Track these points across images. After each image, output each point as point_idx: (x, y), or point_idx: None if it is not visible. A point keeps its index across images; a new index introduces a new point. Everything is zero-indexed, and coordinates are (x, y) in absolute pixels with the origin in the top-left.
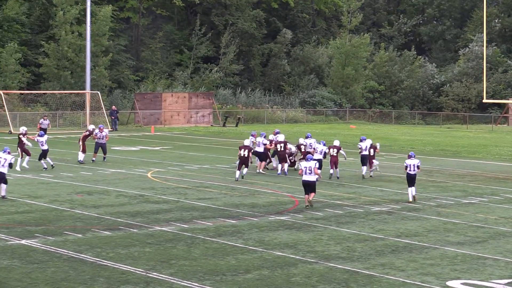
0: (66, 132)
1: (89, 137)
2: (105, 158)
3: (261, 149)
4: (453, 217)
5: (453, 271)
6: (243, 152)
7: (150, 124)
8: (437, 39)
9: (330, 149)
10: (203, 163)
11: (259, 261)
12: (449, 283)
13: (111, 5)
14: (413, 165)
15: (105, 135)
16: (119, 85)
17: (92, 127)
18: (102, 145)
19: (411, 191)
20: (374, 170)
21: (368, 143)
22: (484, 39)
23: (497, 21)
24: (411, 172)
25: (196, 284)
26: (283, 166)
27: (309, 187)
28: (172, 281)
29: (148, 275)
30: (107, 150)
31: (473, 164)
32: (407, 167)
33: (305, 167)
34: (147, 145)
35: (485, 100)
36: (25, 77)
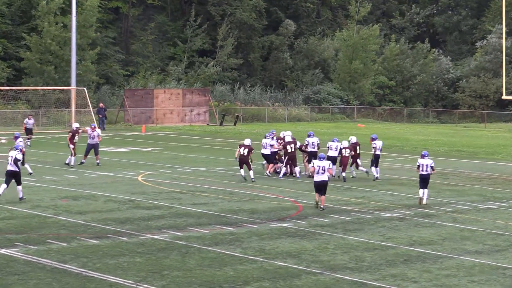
0: (49, 132)
1: (76, 137)
2: (99, 162)
3: (267, 151)
4: (470, 224)
5: (471, 282)
6: (243, 150)
7: (140, 123)
8: (452, 30)
9: (343, 150)
10: (199, 166)
11: (260, 272)
12: None
13: None
14: (426, 165)
15: (98, 134)
16: (107, 81)
17: (76, 125)
18: (94, 146)
19: (422, 192)
20: (361, 171)
21: (379, 143)
22: (503, 30)
23: None
24: (423, 172)
25: None
26: (292, 169)
27: (322, 187)
28: None
29: (138, 287)
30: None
31: (491, 166)
32: (419, 167)
33: (318, 166)
34: (137, 145)
35: (504, 96)
36: (5, 72)
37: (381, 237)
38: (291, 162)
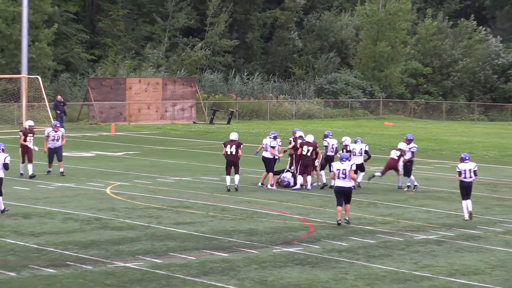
0: None
1: (28, 138)
2: (63, 171)
3: (267, 154)
4: None
5: None
6: (230, 149)
7: (109, 120)
8: (504, 4)
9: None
10: (183, 175)
11: None
12: None
13: None
14: (469, 170)
15: (61, 135)
16: (67, 68)
17: (29, 123)
18: (57, 150)
19: (466, 205)
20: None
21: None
22: None
23: None
24: (466, 180)
25: None
26: (305, 178)
27: (343, 195)
28: None
29: None
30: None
31: None
32: (460, 173)
33: (338, 170)
34: (105, 149)
35: None
36: None
37: (414, 265)
38: (304, 169)
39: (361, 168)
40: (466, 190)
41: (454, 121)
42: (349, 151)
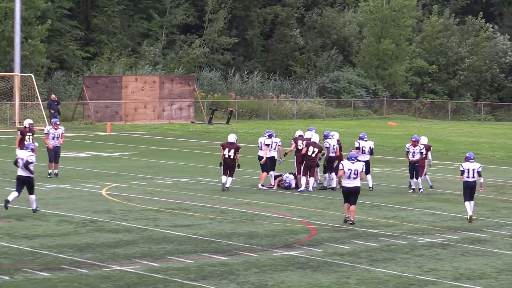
0: None
1: (27, 139)
2: (57, 172)
3: (262, 153)
4: None
5: None
6: (228, 152)
7: (105, 120)
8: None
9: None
10: (181, 176)
11: None
12: None
13: None
14: (473, 169)
15: (61, 133)
16: (61, 65)
17: (28, 122)
18: (56, 150)
19: (470, 206)
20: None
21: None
22: None
23: None
24: (469, 180)
25: None
26: (307, 179)
27: (353, 195)
28: None
29: None
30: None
31: None
32: (463, 172)
33: (349, 170)
34: (101, 150)
35: None
36: None
37: (419, 269)
38: (308, 170)
39: (367, 168)
40: (469, 190)
41: (460, 121)
42: (357, 148)
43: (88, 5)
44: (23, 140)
